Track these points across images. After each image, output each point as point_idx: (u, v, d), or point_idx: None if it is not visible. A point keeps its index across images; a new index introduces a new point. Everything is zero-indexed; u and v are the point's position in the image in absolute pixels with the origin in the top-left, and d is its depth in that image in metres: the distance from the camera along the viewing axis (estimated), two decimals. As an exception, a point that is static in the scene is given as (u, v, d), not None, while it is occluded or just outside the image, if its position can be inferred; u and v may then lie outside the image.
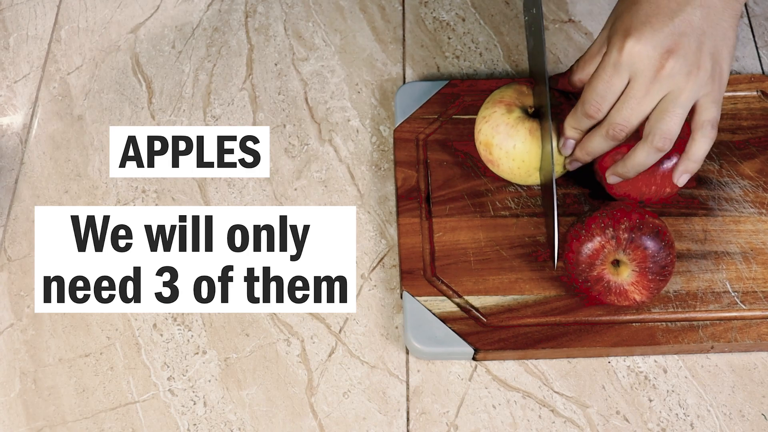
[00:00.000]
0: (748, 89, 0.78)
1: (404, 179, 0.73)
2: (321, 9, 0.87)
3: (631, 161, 0.64)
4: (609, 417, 0.64)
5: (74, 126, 0.79)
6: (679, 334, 0.65)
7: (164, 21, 0.87)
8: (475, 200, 0.72)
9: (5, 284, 0.71)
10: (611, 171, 0.66)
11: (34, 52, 0.85)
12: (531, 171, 0.68)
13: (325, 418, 0.64)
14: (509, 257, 0.69)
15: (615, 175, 0.66)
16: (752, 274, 0.68)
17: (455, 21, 0.86)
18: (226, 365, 0.66)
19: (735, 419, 0.63)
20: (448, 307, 0.66)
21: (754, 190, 0.72)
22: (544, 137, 0.66)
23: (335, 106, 0.80)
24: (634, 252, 0.61)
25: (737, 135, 0.75)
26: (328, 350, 0.67)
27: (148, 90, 0.82)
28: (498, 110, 0.68)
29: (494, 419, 0.64)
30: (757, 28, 0.85)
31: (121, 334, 0.68)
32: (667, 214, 0.71)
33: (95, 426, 0.64)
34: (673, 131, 0.61)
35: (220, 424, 0.64)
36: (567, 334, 0.65)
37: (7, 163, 0.78)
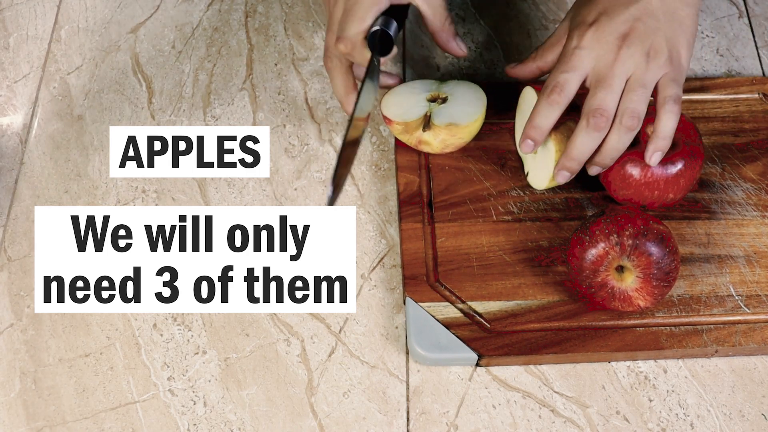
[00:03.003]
0: (749, 91, 0.78)
1: (406, 184, 0.73)
2: (321, 9, 0.87)
3: (606, 148, 0.65)
4: (609, 417, 0.64)
5: (74, 126, 0.79)
6: (683, 338, 0.65)
7: (164, 21, 0.87)
8: (477, 205, 0.72)
9: (5, 284, 0.70)
10: (590, 162, 0.67)
11: (34, 52, 0.85)
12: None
13: (325, 418, 0.64)
14: (512, 262, 0.69)
15: (595, 165, 0.67)
16: (756, 277, 0.67)
17: (455, 21, 0.86)
18: (226, 365, 0.66)
19: (735, 419, 0.63)
20: (451, 313, 0.66)
21: (756, 192, 0.72)
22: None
23: (335, 106, 0.80)
24: (639, 258, 0.60)
25: (739, 138, 0.75)
26: (328, 350, 0.67)
27: (148, 90, 0.81)
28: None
29: (494, 419, 0.64)
30: (757, 28, 0.85)
31: (121, 334, 0.68)
32: (670, 217, 0.70)
33: (95, 426, 0.64)
34: (639, 110, 0.64)
35: (220, 424, 0.64)
36: (571, 339, 0.65)
37: (7, 163, 0.77)
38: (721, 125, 0.76)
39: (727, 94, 0.78)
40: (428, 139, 0.71)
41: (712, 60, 0.83)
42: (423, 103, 0.72)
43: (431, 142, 0.71)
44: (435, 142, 0.71)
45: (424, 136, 0.71)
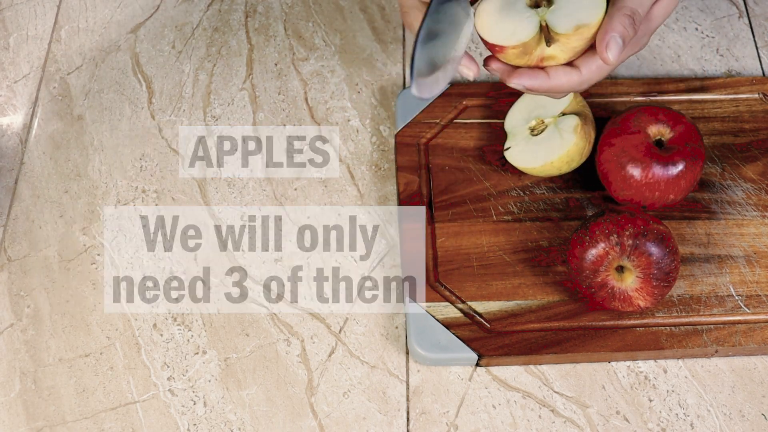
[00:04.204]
0: (749, 92, 0.78)
1: (406, 184, 0.73)
2: (321, 9, 0.87)
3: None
4: (609, 417, 0.64)
5: (74, 126, 0.79)
6: (683, 338, 0.65)
7: (164, 21, 0.87)
8: (478, 205, 0.72)
9: (5, 284, 0.70)
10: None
11: (34, 52, 0.85)
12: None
13: (325, 418, 0.64)
14: (512, 262, 0.69)
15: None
16: (756, 277, 0.67)
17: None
18: (226, 365, 0.66)
19: (735, 419, 0.63)
20: (451, 313, 0.66)
21: (756, 192, 0.72)
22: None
23: (335, 106, 0.80)
24: (639, 258, 0.60)
25: (739, 138, 0.75)
26: (328, 350, 0.67)
27: (148, 90, 0.81)
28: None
29: (494, 419, 0.64)
30: (757, 28, 0.85)
31: (121, 334, 0.68)
32: (670, 217, 0.70)
33: (95, 426, 0.64)
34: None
35: (220, 424, 0.64)
36: (571, 339, 0.65)
37: (7, 163, 0.77)
38: (721, 125, 0.76)
39: (727, 94, 0.78)
40: (554, 53, 0.58)
41: (712, 60, 0.83)
42: (528, 13, 0.58)
43: (557, 55, 0.58)
44: (563, 53, 0.58)
45: (548, 51, 0.58)
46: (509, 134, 0.73)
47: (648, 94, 0.77)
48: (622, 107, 0.76)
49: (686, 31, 0.85)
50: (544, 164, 0.69)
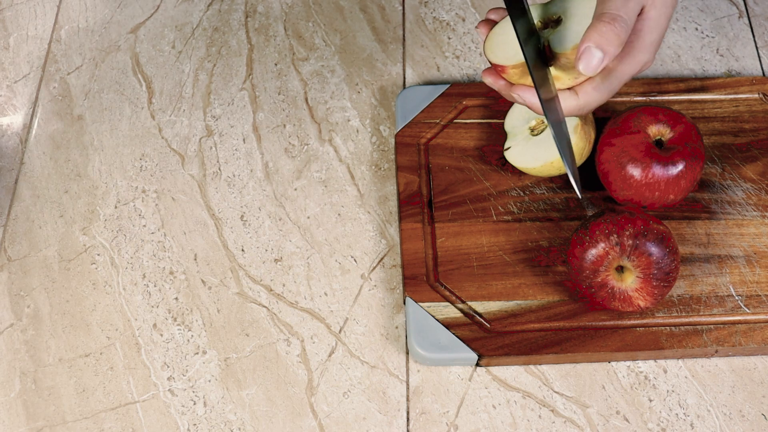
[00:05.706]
0: (749, 92, 0.78)
1: (406, 184, 0.73)
2: (321, 9, 0.87)
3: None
4: (609, 417, 0.64)
5: (74, 126, 0.79)
6: (683, 338, 0.65)
7: (164, 21, 0.87)
8: (478, 205, 0.72)
9: (5, 284, 0.70)
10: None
11: (34, 52, 0.85)
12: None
13: (325, 418, 0.64)
14: (512, 262, 0.69)
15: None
16: (756, 277, 0.67)
17: (455, 21, 0.86)
18: (226, 365, 0.66)
19: (735, 419, 0.63)
20: (451, 313, 0.66)
21: (756, 192, 0.72)
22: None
23: (335, 106, 0.80)
24: (639, 258, 0.60)
25: (739, 138, 0.75)
26: (328, 350, 0.67)
27: (148, 90, 0.81)
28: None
29: (494, 419, 0.64)
30: (757, 28, 0.85)
31: (121, 334, 0.68)
32: (670, 217, 0.70)
33: (95, 426, 0.64)
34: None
35: (220, 424, 0.64)
36: (571, 339, 0.65)
37: (7, 163, 0.77)
38: (721, 125, 0.76)
39: (727, 94, 0.78)
40: (558, 75, 0.58)
41: (712, 60, 0.83)
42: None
43: (561, 77, 0.58)
44: (566, 75, 0.58)
45: (553, 72, 0.58)
46: (509, 134, 0.73)
47: (648, 94, 0.77)
48: (622, 107, 0.76)
49: (686, 31, 0.85)
50: (544, 164, 0.69)
